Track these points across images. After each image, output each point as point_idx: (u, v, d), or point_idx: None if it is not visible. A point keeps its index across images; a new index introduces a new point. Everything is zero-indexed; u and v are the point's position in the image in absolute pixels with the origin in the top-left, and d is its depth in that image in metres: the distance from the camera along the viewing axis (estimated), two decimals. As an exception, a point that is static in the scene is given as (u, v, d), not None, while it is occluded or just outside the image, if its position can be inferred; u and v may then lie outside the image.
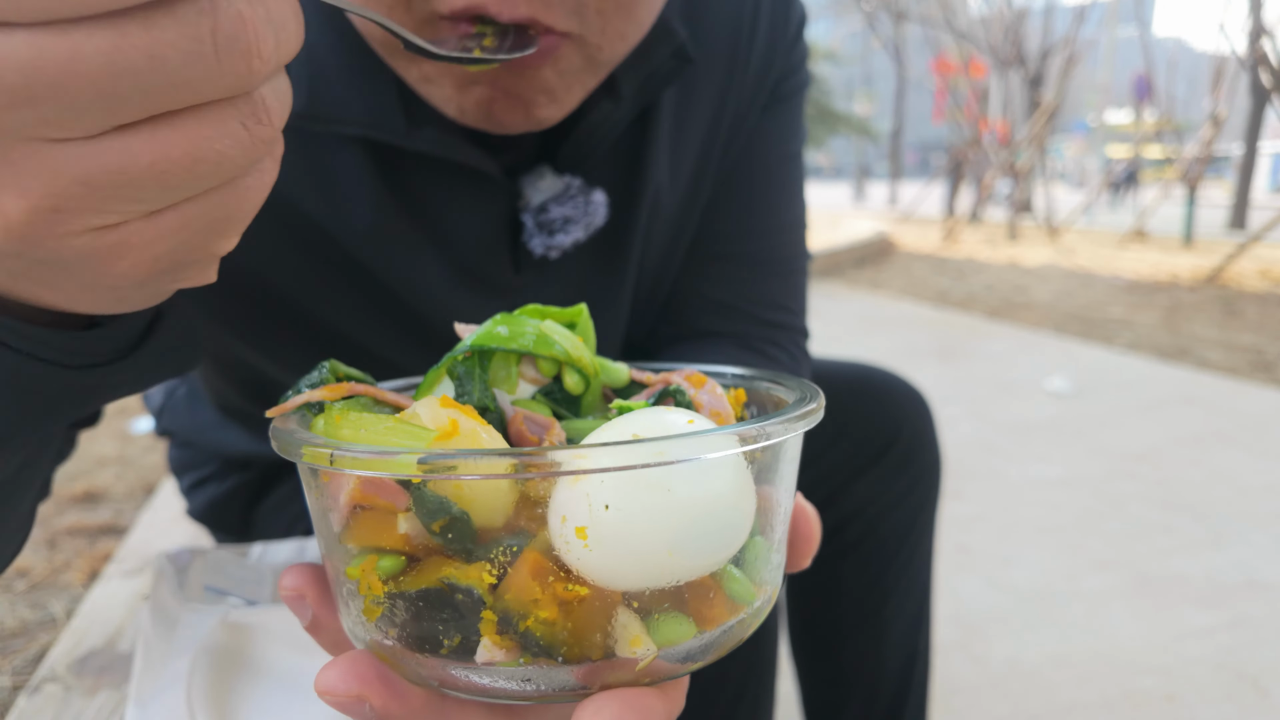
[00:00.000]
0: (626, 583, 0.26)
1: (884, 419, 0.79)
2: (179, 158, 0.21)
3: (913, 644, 0.85)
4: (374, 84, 0.50)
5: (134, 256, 0.24)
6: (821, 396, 0.32)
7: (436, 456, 0.24)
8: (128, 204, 0.22)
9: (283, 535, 0.71)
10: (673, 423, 0.28)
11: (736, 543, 0.28)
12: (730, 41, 0.63)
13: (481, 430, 0.28)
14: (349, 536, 0.28)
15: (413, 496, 0.26)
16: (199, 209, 0.24)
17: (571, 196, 0.57)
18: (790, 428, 0.28)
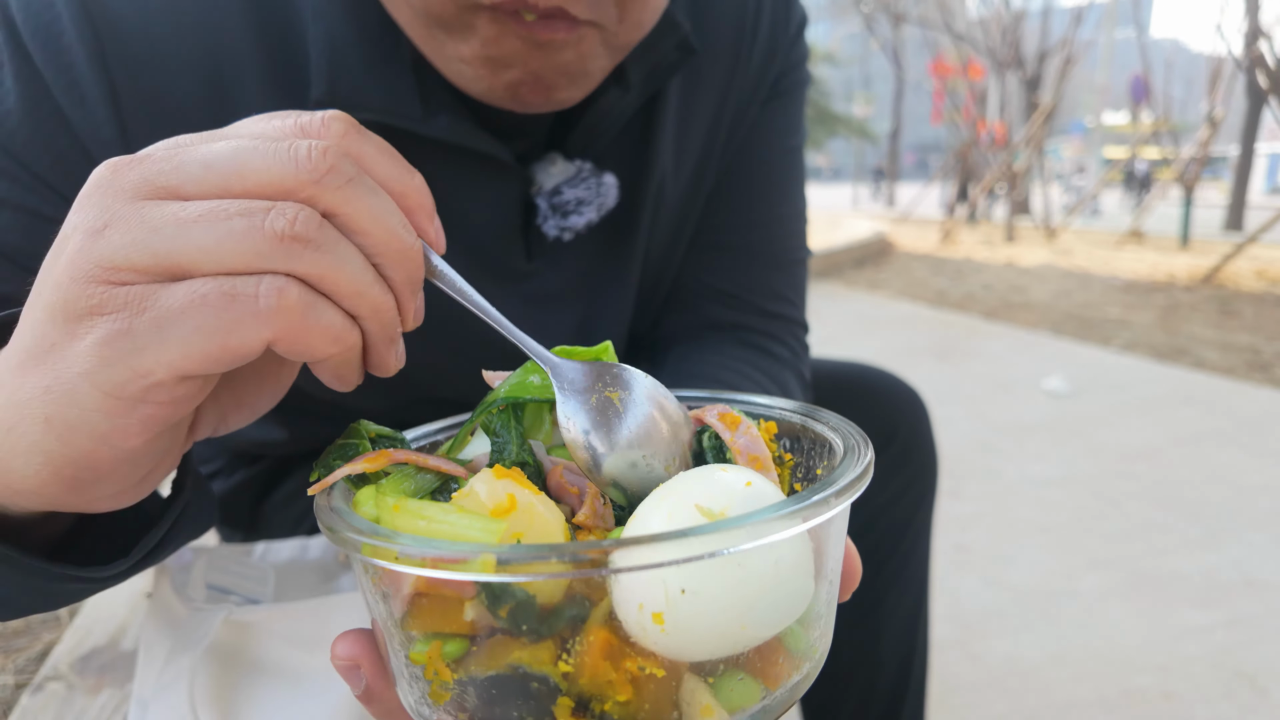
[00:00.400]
0: (699, 656, 0.26)
1: (880, 419, 0.80)
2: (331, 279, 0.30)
3: (910, 643, 0.86)
4: (391, 71, 0.51)
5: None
6: (870, 447, 0.32)
7: (514, 558, 0.23)
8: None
9: (290, 531, 0.71)
10: (731, 486, 0.28)
11: (804, 604, 0.29)
12: (733, 37, 0.65)
13: (537, 502, 0.29)
14: (412, 623, 0.27)
15: (480, 586, 0.26)
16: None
17: (583, 179, 0.59)
18: (853, 491, 0.28)
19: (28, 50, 0.45)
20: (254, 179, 0.28)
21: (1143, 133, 10.43)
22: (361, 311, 0.30)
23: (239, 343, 0.27)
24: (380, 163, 0.32)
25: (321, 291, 0.29)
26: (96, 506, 0.32)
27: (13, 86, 0.46)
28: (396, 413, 0.70)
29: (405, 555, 0.24)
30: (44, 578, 0.34)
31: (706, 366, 0.66)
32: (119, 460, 0.29)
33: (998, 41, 13.23)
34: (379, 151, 0.32)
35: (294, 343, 0.28)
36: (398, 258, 0.31)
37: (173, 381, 0.27)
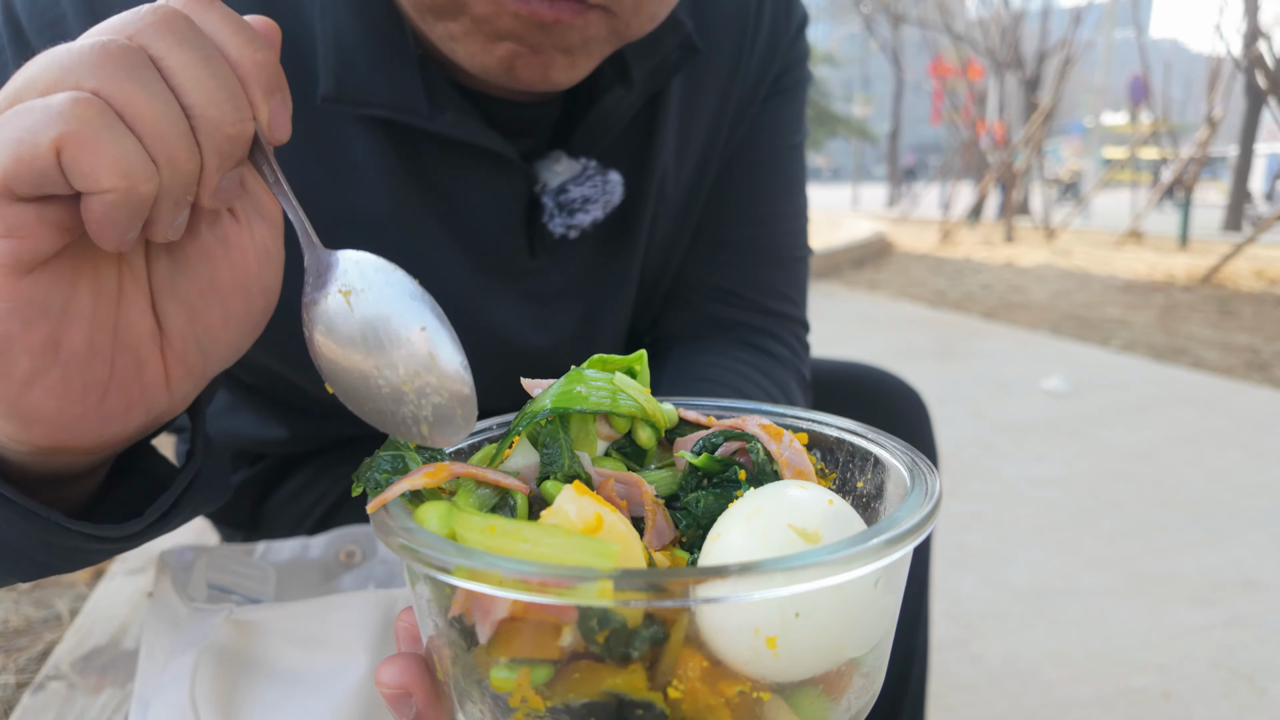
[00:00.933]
0: (799, 676, 0.27)
1: (880, 419, 0.80)
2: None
3: (910, 642, 0.86)
4: (397, 67, 0.51)
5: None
6: (937, 477, 0.32)
7: (633, 584, 0.23)
8: None
9: (291, 530, 0.71)
10: (816, 504, 0.29)
11: (892, 622, 0.29)
12: (735, 36, 0.65)
13: (619, 521, 0.28)
14: (498, 648, 0.26)
15: (580, 612, 0.25)
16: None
17: (589, 177, 0.59)
18: (933, 519, 0.29)
19: (33, 48, 0.45)
20: (99, 29, 0.29)
21: (1142, 133, 10.44)
22: (156, 156, 0.28)
23: (29, 151, 0.26)
24: (221, 28, 0.31)
25: (126, 121, 0.28)
26: (43, 409, 0.31)
27: None
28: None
29: (511, 578, 0.23)
30: (61, 534, 0.35)
31: (707, 368, 0.66)
32: (3, 316, 0.28)
33: (997, 42, 13.23)
34: (224, 19, 0.31)
35: (80, 157, 0.27)
36: (212, 125, 0.30)
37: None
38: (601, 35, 0.48)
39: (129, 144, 0.28)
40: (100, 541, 0.37)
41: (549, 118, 0.59)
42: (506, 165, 0.57)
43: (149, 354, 0.34)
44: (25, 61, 0.46)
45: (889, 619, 0.29)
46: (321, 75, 0.50)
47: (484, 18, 0.45)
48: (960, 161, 12.52)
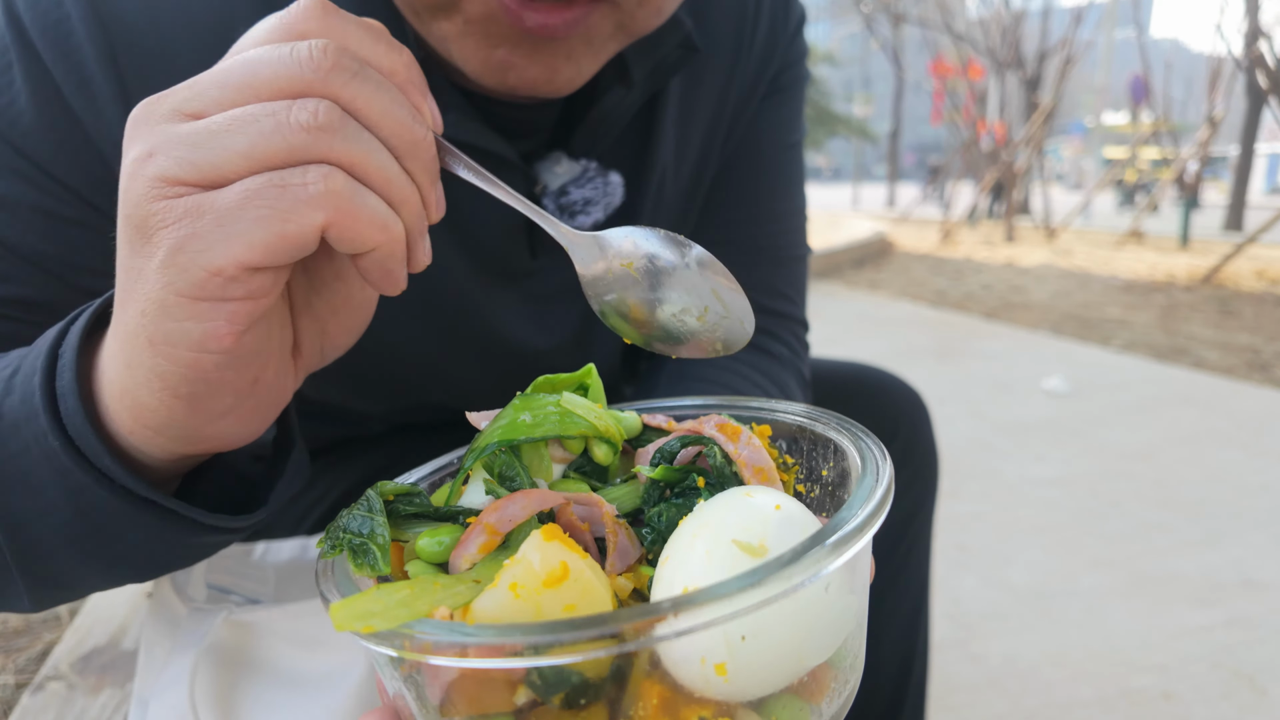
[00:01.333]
0: (760, 694, 0.26)
1: (880, 419, 0.80)
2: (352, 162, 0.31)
3: (910, 642, 0.86)
4: None
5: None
6: (887, 458, 0.32)
7: (565, 640, 0.22)
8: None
9: (291, 531, 0.71)
10: (763, 513, 0.28)
11: (851, 620, 0.29)
12: (733, 35, 0.65)
13: (587, 568, 0.28)
14: (452, 708, 0.26)
15: (528, 679, 0.25)
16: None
17: (590, 179, 0.59)
18: (884, 509, 0.28)
19: (37, 50, 0.45)
20: (266, 86, 0.30)
21: (1143, 133, 10.44)
22: (394, 199, 0.31)
23: (296, 229, 0.28)
24: (366, 44, 0.32)
25: (359, 179, 0.30)
26: (224, 432, 0.34)
27: (23, 87, 0.45)
28: (396, 415, 0.70)
29: (442, 646, 0.23)
30: (193, 530, 0.37)
31: (705, 368, 0.66)
32: (223, 366, 0.31)
33: (998, 42, 13.23)
34: (362, 32, 0.32)
35: (345, 228, 0.29)
36: (411, 148, 0.32)
37: (244, 274, 0.29)
38: (607, 32, 0.47)
39: (373, 201, 0.30)
40: (226, 534, 0.39)
41: (549, 119, 0.59)
42: (507, 167, 0.57)
43: (288, 367, 0.37)
44: (29, 63, 0.46)
45: (850, 617, 0.29)
46: None
47: (477, 18, 0.45)
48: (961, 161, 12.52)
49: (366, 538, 0.31)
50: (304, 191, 0.29)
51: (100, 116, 0.47)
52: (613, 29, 0.47)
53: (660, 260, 0.37)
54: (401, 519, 0.33)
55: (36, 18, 0.45)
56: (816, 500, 0.37)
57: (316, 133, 0.29)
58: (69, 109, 0.46)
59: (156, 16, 0.47)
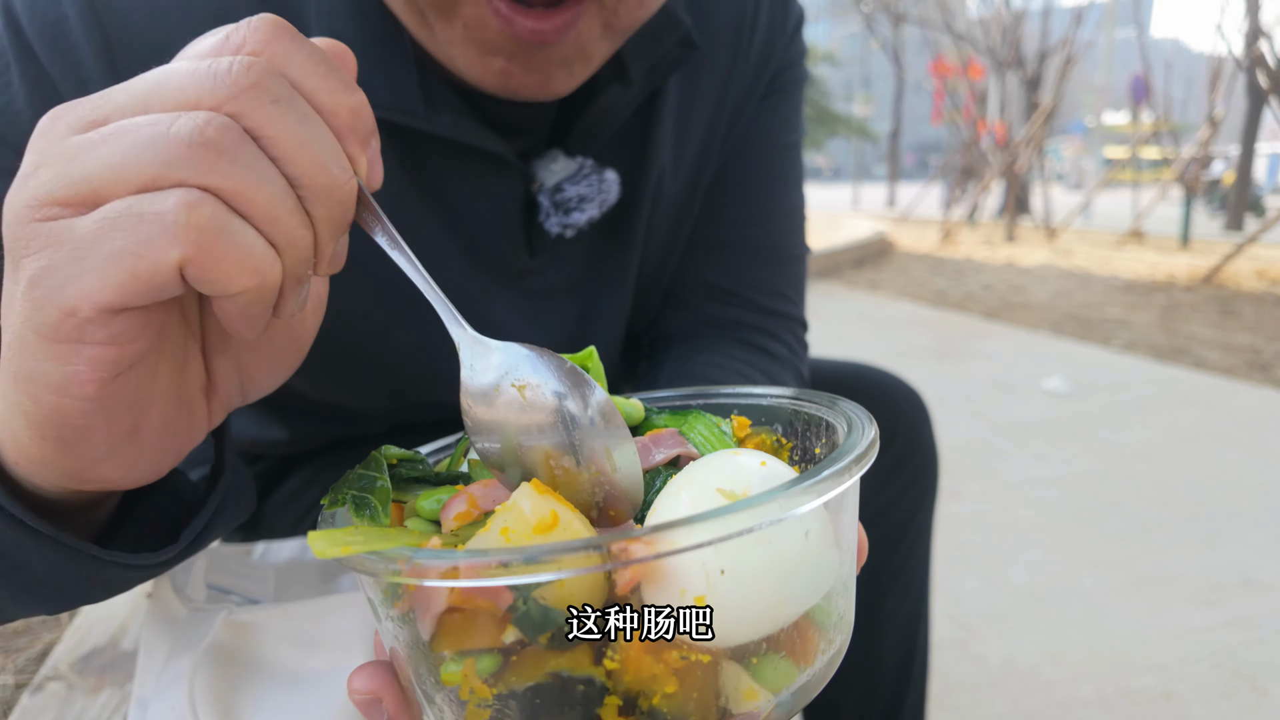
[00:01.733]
0: (740, 638, 0.26)
1: (881, 419, 0.79)
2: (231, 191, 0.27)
3: (910, 642, 0.86)
4: (394, 69, 0.51)
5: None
6: (872, 421, 0.32)
7: (549, 553, 0.23)
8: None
9: (290, 531, 0.71)
10: (747, 468, 0.29)
11: (833, 576, 0.29)
12: (732, 33, 0.65)
13: (576, 519, 0.28)
14: (442, 642, 0.27)
15: (515, 617, 0.25)
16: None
17: (585, 176, 0.59)
18: (867, 459, 0.29)
19: (34, 50, 0.45)
20: (171, 96, 0.26)
21: (1143, 133, 10.44)
22: (279, 240, 0.27)
23: (149, 267, 0.25)
24: (311, 75, 0.29)
25: (239, 212, 0.26)
26: (111, 475, 0.31)
27: (20, 86, 0.45)
28: (396, 414, 0.70)
29: (432, 567, 0.23)
30: (94, 565, 0.34)
31: (704, 368, 0.66)
32: (89, 413, 0.27)
33: (998, 41, 13.22)
34: (312, 62, 0.29)
35: (207, 268, 0.25)
36: (322, 193, 0.28)
37: (102, 318, 0.25)
38: (596, 35, 0.48)
39: (249, 238, 0.26)
40: (134, 570, 0.36)
41: (546, 117, 0.59)
42: (503, 165, 0.57)
43: (199, 404, 0.34)
44: (27, 64, 0.46)
45: (828, 571, 0.29)
46: None
47: (474, 24, 0.45)
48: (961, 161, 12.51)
49: (368, 492, 0.32)
50: (161, 222, 0.24)
51: None
52: (601, 29, 0.48)
53: (557, 396, 0.33)
54: (403, 482, 0.34)
55: (34, 18, 0.45)
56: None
57: (198, 149, 0.25)
58: None
59: (154, 15, 0.47)
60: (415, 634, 0.27)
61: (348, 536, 0.27)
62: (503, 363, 0.34)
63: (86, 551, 0.33)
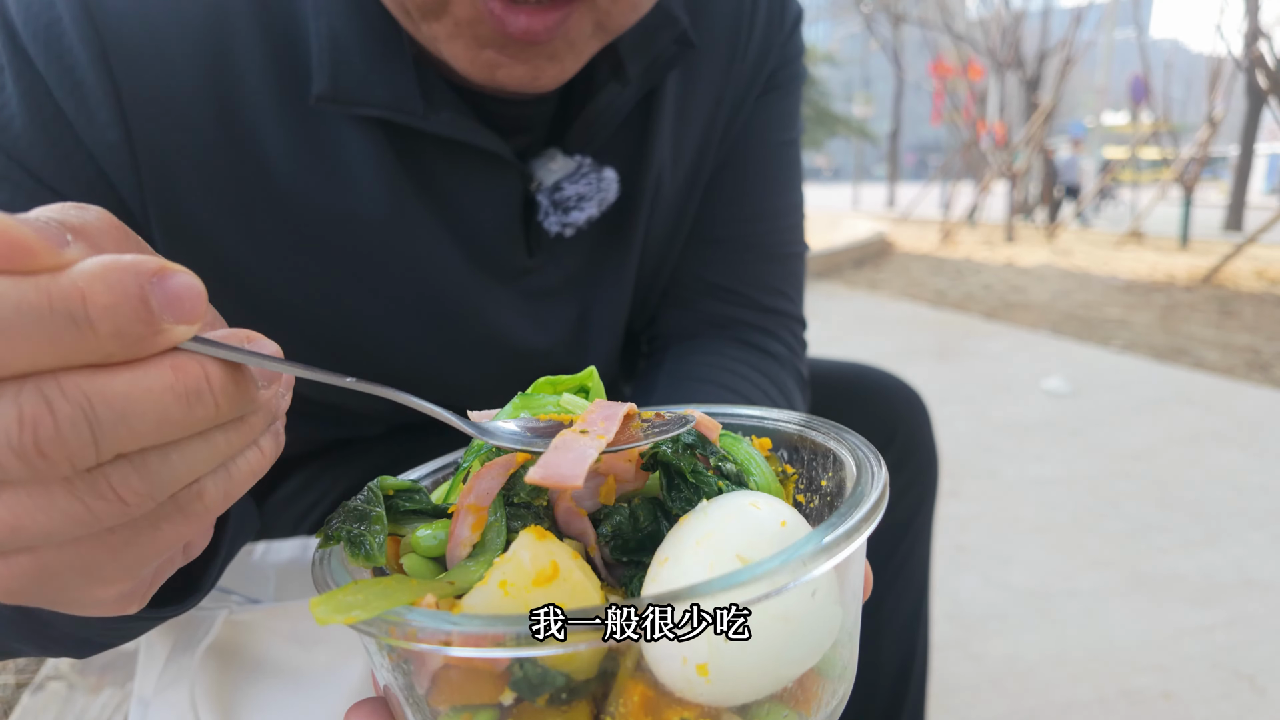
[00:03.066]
0: (743, 699, 0.26)
1: (880, 419, 0.80)
2: (2, 521, 0.21)
3: (910, 642, 0.86)
4: (393, 67, 0.51)
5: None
6: (883, 465, 0.32)
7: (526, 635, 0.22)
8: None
9: (290, 531, 0.71)
10: (767, 530, 0.28)
11: (837, 629, 0.28)
12: (730, 31, 0.65)
13: (577, 569, 0.28)
14: (438, 697, 0.26)
15: (512, 679, 0.25)
16: (56, 557, 0.23)
17: (584, 174, 0.59)
18: (876, 516, 0.28)
19: (28, 53, 0.45)
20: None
21: (1142, 133, 10.44)
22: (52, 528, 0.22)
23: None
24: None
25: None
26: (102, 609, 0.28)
27: (14, 91, 0.45)
28: (393, 415, 0.70)
29: (427, 635, 0.23)
30: (119, 621, 0.35)
31: (703, 368, 0.66)
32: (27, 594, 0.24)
33: (998, 42, 13.23)
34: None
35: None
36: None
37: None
38: (586, 31, 0.48)
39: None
40: (157, 620, 0.37)
41: (544, 115, 0.59)
42: (502, 164, 0.57)
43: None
44: (22, 68, 0.46)
45: (837, 626, 0.28)
46: (316, 76, 0.50)
47: (465, 20, 0.45)
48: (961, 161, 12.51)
49: (364, 529, 0.31)
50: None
51: (92, 120, 0.47)
52: (592, 28, 0.48)
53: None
54: (400, 514, 0.33)
55: (28, 21, 0.45)
56: (815, 510, 0.37)
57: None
58: (60, 113, 0.46)
59: (149, 17, 0.47)
60: (411, 684, 0.27)
61: (348, 599, 0.26)
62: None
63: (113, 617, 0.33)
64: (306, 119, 0.52)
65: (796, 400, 0.70)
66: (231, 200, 0.52)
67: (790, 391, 0.69)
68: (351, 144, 0.53)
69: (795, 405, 0.69)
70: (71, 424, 0.20)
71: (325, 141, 0.53)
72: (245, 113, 0.51)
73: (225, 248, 0.53)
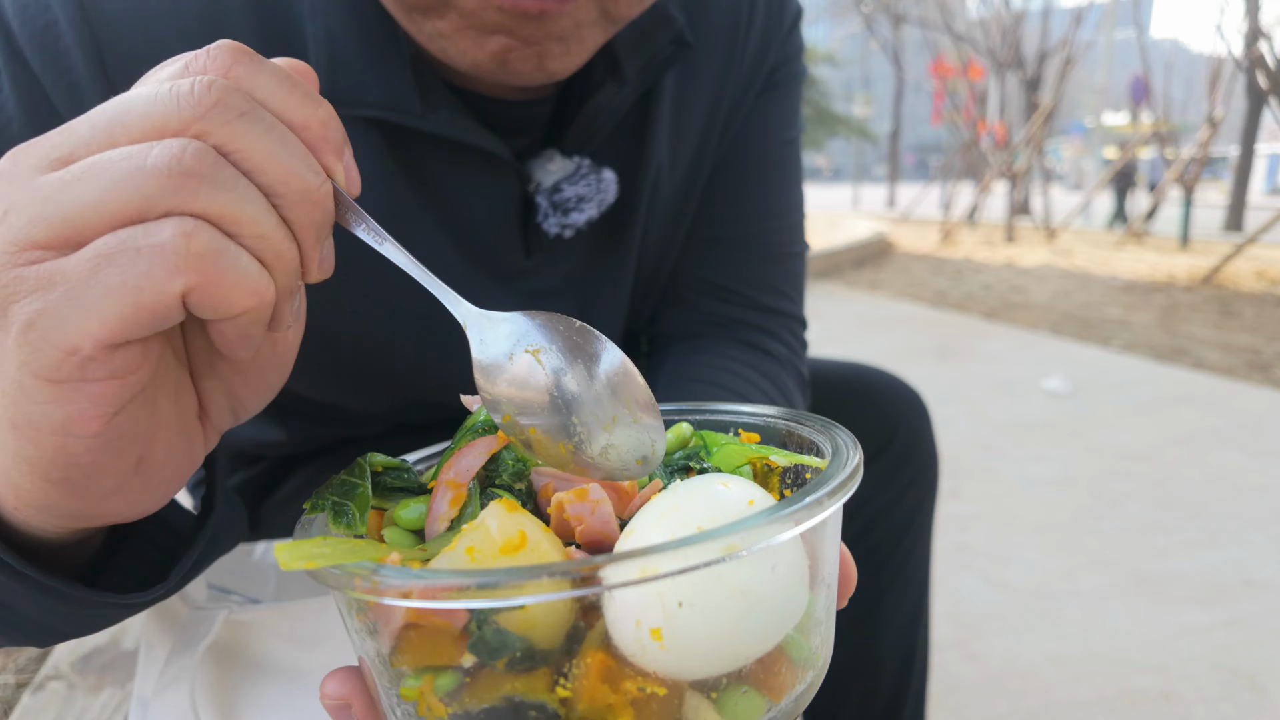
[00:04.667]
0: (701, 673, 0.26)
1: (880, 419, 0.80)
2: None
3: (910, 642, 0.86)
4: (390, 67, 0.51)
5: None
6: (858, 448, 0.32)
7: (503, 581, 0.22)
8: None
9: (290, 531, 0.71)
10: (733, 505, 0.27)
11: (801, 611, 0.28)
12: (728, 30, 0.65)
13: (546, 540, 0.28)
14: (400, 658, 0.27)
15: (472, 640, 0.25)
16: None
17: (583, 175, 0.59)
18: (844, 492, 0.27)
19: (24, 56, 0.45)
20: (137, 125, 0.26)
21: (1143, 133, 10.43)
22: (267, 257, 0.27)
23: (153, 300, 0.25)
24: (276, 92, 0.29)
25: (228, 234, 0.26)
26: (117, 510, 0.31)
27: (10, 93, 0.45)
28: (394, 416, 0.70)
29: (388, 586, 0.23)
30: (83, 605, 0.34)
31: (703, 369, 0.66)
32: (95, 450, 0.27)
33: (998, 42, 13.23)
34: (275, 80, 0.29)
35: (209, 294, 0.26)
36: (298, 198, 0.28)
37: (103, 354, 0.25)
38: (592, 18, 0.47)
39: (244, 261, 0.27)
40: (125, 608, 0.37)
41: (542, 116, 0.59)
42: (500, 164, 0.57)
43: (196, 429, 0.34)
44: (17, 70, 0.46)
45: (797, 606, 0.28)
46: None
47: (471, 12, 0.44)
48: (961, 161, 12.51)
49: (348, 499, 0.31)
50: (159, 255, 0.25)
51: None
52: (598, 15, 0.47)
53: (568, 353, 0.34)
54: (387, 490, 0.34)
55: (24, 23, 0.45)
56: None
57: (180, 178, 0.25)
58: (56, 115, 0.46)
59: (145, 19, 0.47)
60: (379, 647, 0.27)
61: (314, 549, 0.26)
62: (512, 332, 0.34)
63: (75, 595, 0.34)
64: None
65: (797, 400, 0.70)
66: None
67: (790, 392, 0.69)
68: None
69: (795, 405, 0.69)
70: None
71: None
72: None
73: None
